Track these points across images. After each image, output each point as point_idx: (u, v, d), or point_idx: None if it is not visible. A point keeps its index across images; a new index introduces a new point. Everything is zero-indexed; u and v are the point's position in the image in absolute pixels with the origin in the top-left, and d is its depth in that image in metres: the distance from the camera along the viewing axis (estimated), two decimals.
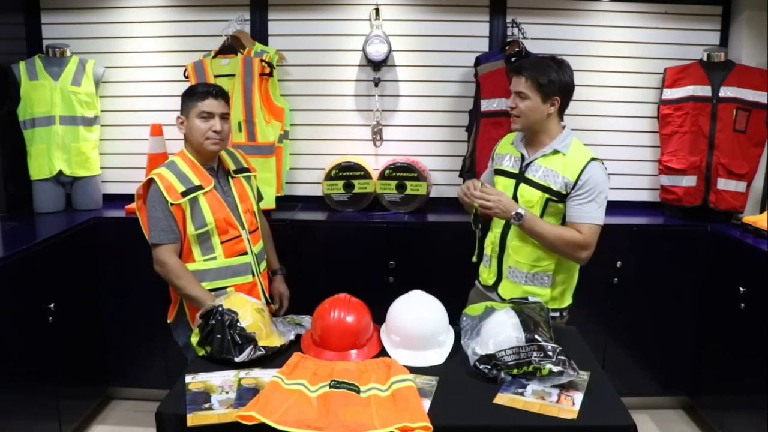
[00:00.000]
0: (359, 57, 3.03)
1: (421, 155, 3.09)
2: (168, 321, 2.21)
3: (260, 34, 3.03)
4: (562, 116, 2.06)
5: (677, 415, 3.01)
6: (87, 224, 2.79)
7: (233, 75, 2.77)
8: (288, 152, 3.01)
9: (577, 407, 1.50)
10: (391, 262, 2.77)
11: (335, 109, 3.11)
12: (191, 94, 2.10)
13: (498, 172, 2.16)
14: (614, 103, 3.10)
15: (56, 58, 2.92)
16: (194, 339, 1.80)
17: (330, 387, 1.56)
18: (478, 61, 2.90)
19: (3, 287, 2.19)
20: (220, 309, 1.76)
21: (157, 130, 2.97)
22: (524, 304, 1.83)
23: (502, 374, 1.61)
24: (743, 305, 2.48)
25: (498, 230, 2.12)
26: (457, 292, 2.26)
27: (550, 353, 1.59)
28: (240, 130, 2.76)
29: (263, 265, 2.29)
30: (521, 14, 2.97)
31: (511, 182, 2.08)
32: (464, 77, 3.06)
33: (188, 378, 1.62)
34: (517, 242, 2.07)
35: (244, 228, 2.15)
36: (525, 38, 2.88)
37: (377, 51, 2.89)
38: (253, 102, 2.77)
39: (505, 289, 2.12)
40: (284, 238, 2.48)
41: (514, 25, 2.92)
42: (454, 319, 1.89)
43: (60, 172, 2.90)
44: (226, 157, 2.21)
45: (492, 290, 2.17)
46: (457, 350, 1.79)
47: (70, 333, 2.62)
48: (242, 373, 1.64)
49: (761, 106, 2.80)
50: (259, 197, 2.40)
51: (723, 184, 2.85)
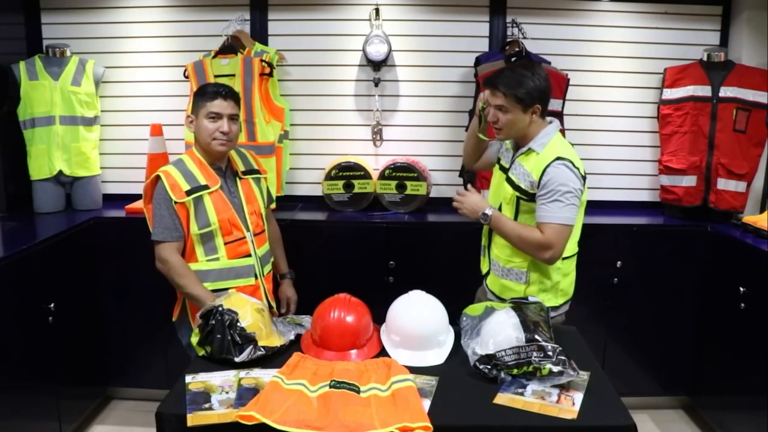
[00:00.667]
0: (359, 57, 3.03)
1: (421, 155, 3.09)
2: (173, 319, 2.21)
3: (260, 34, 3.03)
4: (546, 115, 2.05)
5: (677, 415, 3.01)
6: (87, 224, 2.79)
7: (233, 75, 2.77)
8: (288, 152, 3.01)
9: (577, 407, 1.50)
10: (391, 262, 2.77)
11: (335, 109, 3.11)
12: (202, 94, 2.09)
13: (498, 165, 2.19)
14: (614, 103, 3.10)
15: (56, 58, 2.92)
16: (194, 339, 1.80)
17: (330, 387, 1.56)
18: (478, 61, 2.90)
19: (3, 287, 2.18)
20: (220, 309, 1.76)
21: (157, 130, 2.98)
22: (524, 304, 1.83)
23: (502, 374, 1.61)
24: (743, 305, 2.48)
25: None
26: (457, 292, 2.24)
27: (550, 353, 1.59)
28: (240, 130, 2.75)
29: (267, 269, 2.27)
30: (521, 14, 2.97)
31: (502, 177, 2.12)
32: (464, 77, 3.06)
33: (188, 378, 1.62)
34: (497, 236, 2.10)
35: (249, 230, 2.14)
36: (525, 38, 2.88)
37: (377, 51, 2.89)
38: (253, 102, 2.77)
39: (490, 281, 2.18)
40: (284, 238, 2.48)
41: (514, 25, 2.92)
42: (454, 319, 1.89)
43: (60, 172, 2.90)
44: (236, 158, 2.21)
45: (486, 281, 2.22)
46: (457, 350, 1.79)
47: (70, 333, 2.62)
48: (242, 373, 1.64)
49: (761, 106, 2.80)
50: (270, 200, 2.39)
51: (723, 184, 2.85)
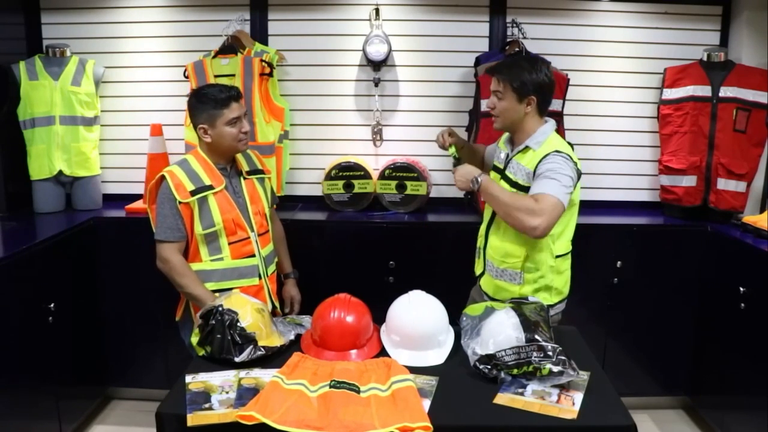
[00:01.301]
0: (359, 57, 3.03)
1: (421, 155, 3.09)
2: (176, 319, 2.21)
3: (260, 34, 3.03)
4: (544, 113, 2.06)
5: (677, 415, 3.01)
6: (87, 224, 2.79)
7: (233, 75, 2.77)
8: (288, 152, 3.00)
9: (577, 407, 1.50)
10: (391, 262, 2.77)
11: (335, 109, 3.11)
12: (213, 102, 2.04)
13: (493, 168, 2.21)
14: (614, 103, 3.10)
15: (56, 58, 2.91)
16: (194, 339, 1.80)
17: (330, 387, 1.56)
18: (478, 61, 2.90)
19: (3, 287, 2.18)
20: (220, 309, 1.77)
21: (157, 130, 2.97)
22: (524, 304, 1.83)
23: (502, 374, 1.61)
24: (743, 305, 2.48)
25: (486, 221, 2.16)
26: (457, 292, 2.26)
27: (550, 353, 1.59)
28: None
29: (271, 269, 2.27)
30: (521, 14, 2.97)
31: (497, 177, 2.13)
32: (464, 77, 3.06)
33: (188, 378, 1.62)
34: (493, 235, 2.10)
35: (253, 230, 2.14)
36: (525, 38, 2.88)
37: (377, 51, 2.89)
38: (253, 102, 2.76)
39: (485, 282, 2.16)
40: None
41: (514, 25, 2.92)
42: (454, 319, 1.89)
43: (60, 172, 2.90)
44: (240, 158, 2.20)
45: (479, 282, 2.21)
46: (457, 350, 1.79)
47: (70, 333, 2.62)
48: (242, 373, 1.64)
49: (761, 106, 2.80)
50: (274, 200, 2.39)
51: (723, 184, 2.85)
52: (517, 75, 1.97)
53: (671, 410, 3.03)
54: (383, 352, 1.79)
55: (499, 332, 1.67)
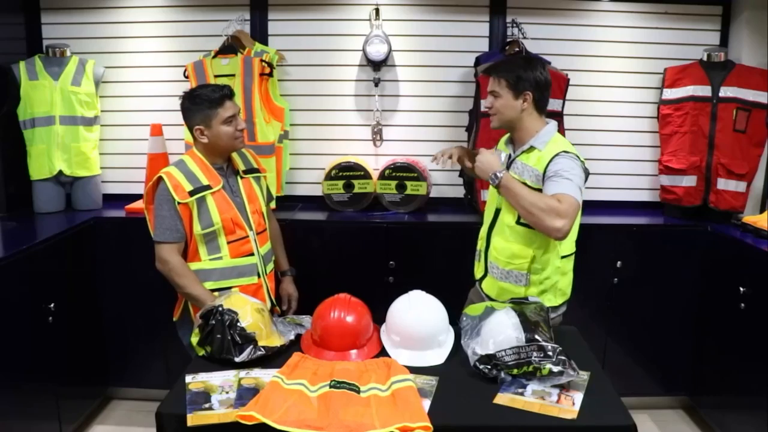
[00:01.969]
0: (359, 57, 3.03)
1: (421, 155, 3.08)
2: (174, 319, 2.21)
3: (260, 34, 3.03)
4: (543, 112, 2.06)
5: (677, 415, 3.00)
6: (87, 224, 2.79)
7: (233, 75, 2.77)
8: (288, 152, 3.00)
9: (577, 407, 1.50)
10: (391, 262, 2.77)
11: (335, 109, 3.11)
12: (208, 103, 2.05)
13: None
14: (614, 103, 3.10)
15: (56, 58, 2.91)
16: (194, 339, 1.80)
17: (330, 387, 1.56)
18: (478, 61, 2.90)
19: (3, 287, 2.18)
20: (220, 309, 1.77)
21: (157, 130, 2.98)
22: (524, 304, 1.83)
23: (502, 374, 1.61)
24: (743, 305, 2.48)
25: (487, 223, 2.15)
26: (457, 292, 2.26)
27: (550, 353, 1.59)
28: None
29: (270, 267, 2.28)
30: (521, 14, 2.97)
31: None
32: (464, 77, 3.06)
33: (188, 378, 1.62)
34: (497, 237, 2.09)
35: (252, 229, 2.15)
36: (525, 38, 2.87)
37: (377, 51, 2.89)
38: (253, 102, 2.77)
39: (487, 285, 2.14)
40: (284, 239, 2.49)
41: (514, 25, 2.92)
42: (454, 319, 1.89)
43: (60, 172, 2.90)
44: (236, 157, 2.21)
45: (480, 285, 2.20)
46: (457, 350, 1.79)
47: (70, 333, 2.62)
48: (242, 373, 1.64)
49: (761, 106, 2.80)
50: (270, 198, 2.40)
51: (723, 184, 2.84)
52: (513, 71, 1.99)
53: (671, 410, 3.02)
54: (383, 352, 1.79)
55: (499, 332, 1.67)
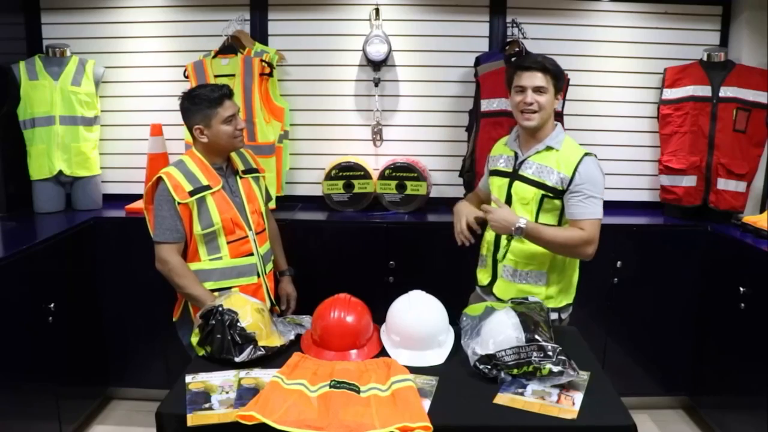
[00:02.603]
0: (359, 57, 3.03)
1: (421, 155, 3.09)
2: (173, 319, 2.21)
3: (260, 34, 3.03)
4: None
5: (677, 415, 3.00)
6: (87, 224, 2.79)
7: (233, 75, 2.77)
8: (288, 152, 3.00)
9: (577, 407, 1.50)
10: (391, 262, 2.77)
11: (335, 109, 3.11)
12: (207, 102, 2.05)
13: (493, 173, 2.19)
14: (614, 103, 3.10)
15: (56, 58, 2.91)
16: (194, 339, 1.80)
17: (330, 387, 1.56)
18: (478, 61, 2.90)
19: (3, 287, 2.18)
20: (220, 309, 1.77)
21: (157, 130, 2.98)
22: (524, 304, 1.84)
23: (502, 374, 1.61)
24: (743, 305, 2.48)
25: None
26: (457, 292, 2.25)
27: (550, 353, 1.59)
28: None
29: (269, 267, 2.29)
30: (521, 14, 2.97)
31: (505, 181, 2.10)
32: (464, 77, 3.06)
33: (188, 378, 1.62)
34: (513, 241, 2.07)
35: (251, 229, 2.15)
36: (525, 38, 2.88)
37: (377, 51, 2.89)
38: (253, 102, 2.77)
39: (500, 289, 2.12)
40: (284, 239, 2.49)
41: (514, 25, 2.92)
42: (454, 319, 1.89)
43: (60, 172, 2.90)
44: (235, 157, 2.21)
45: (488, 291, 2.17)
46: (457, 350, 1.79)
47: (70, 333, 2.62)
48: (242, 373, 1.64)
49: (761, 106, 2.80)
50: (268, 198, 2.40)
51: (723, 184, 2.84)
52: (557, 67, 2.01)
53: (671, 410, 3.02)
54: (383, 352, 1.79)
55: (499, 332, 1.67)
